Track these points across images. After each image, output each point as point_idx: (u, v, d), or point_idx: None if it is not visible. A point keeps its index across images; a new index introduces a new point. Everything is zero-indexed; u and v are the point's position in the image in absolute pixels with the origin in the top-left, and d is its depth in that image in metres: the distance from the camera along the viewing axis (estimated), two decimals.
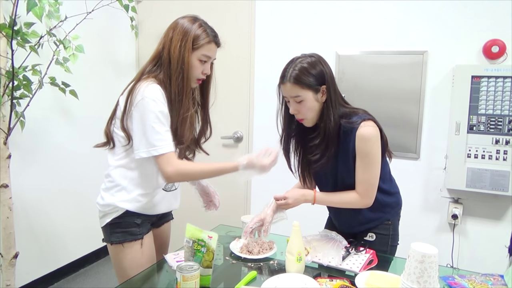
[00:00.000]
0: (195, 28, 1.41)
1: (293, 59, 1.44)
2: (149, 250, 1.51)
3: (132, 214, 1.46)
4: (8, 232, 2.21)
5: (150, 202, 1.49)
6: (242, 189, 2.95)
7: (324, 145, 1.44)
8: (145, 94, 1.34)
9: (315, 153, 1.46)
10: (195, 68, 1.43)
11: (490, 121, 2.22)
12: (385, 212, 1.55)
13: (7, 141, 2.16)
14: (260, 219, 1.50)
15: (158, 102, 1.35)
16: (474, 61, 2.31)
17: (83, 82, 2.69)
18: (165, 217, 1.69)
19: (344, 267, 1.37)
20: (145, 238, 1.50)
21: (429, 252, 0.99)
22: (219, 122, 3.01)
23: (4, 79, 2.07)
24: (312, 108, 1.42)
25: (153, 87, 1.37)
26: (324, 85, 1.41)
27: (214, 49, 1.47)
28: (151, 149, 1.35)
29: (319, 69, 1.41)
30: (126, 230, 1.46)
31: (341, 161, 1.47)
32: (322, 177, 1.59)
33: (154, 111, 1.34)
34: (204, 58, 1.43)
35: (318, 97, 1.41)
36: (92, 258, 3.08)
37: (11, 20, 2.00)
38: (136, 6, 3.07)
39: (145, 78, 1.40)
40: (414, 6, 2.40)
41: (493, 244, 2.35)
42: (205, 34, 1.42)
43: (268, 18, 2.78)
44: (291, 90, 1.41)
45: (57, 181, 2.76)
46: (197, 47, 1.41)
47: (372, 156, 1.42)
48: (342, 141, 1.44)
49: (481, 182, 2.24)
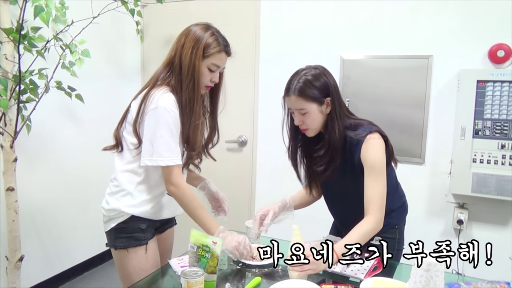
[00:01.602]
0: (207, 36, 1.41)
1: (298, 71, 1.45)
2: (153, 255, 1.52)
3: (137, 219, 1.46)
4: (14, 235, 2.23)
5: (156, 208, 1.49)
6: (246, 195, 2.96)
7: (329, 157, 1.44)
8: (159, 103, 1.35)
9: (320, 164, 1.47)
10: (204, 75, 1.43)
11: (495, 126, 2.21)
12: (392, 218, 1.54)
13: (14, 145, 2.17)
14: (266, 210, 1.51)
15: (171, 112, 1.36)
16: (479, 66, 2.30)
17: (89, 86, 2.71)
18: (168, 222, 1.70)
19: (348, 274, 1.36)
20: (150, 244, 1.50)
21: (435, 261, 0.98)
22: (223, 126, 3.01)
23: (11, 83, 2.09)
24: (317, 120, 1.43)
25: (167, 96, 1.38)
26: (329, 97, 1.42)
27: (224, 58, 1.47)
28: (158, 158, 1.36)
29: (323, 81, 1.41)
30: (130, 235, 1.46)
31: (349, 172, 1.47)
32: (331, 189, 1.59)
33: (166, 122, 1.36)
34: (213, 67, 1.44)
35: (322, 109, 1.42)
36: (97, 261, 3.08)
37: (18, 25, 2.03)
38: (142, 10, 3.09)
39: (159, 85, 1.41)
40: (418, 11, 2.40)
41: (499, 250, 2.33)
42: (216, 43, 1.42)
43: (273, 22, 2.79)
44: (295, 103, 1.42)
45: (62, 184, 2.78)
46: (207, 55, 1.41)
47: (379, 169, 1.41)
48: (349, 153, 1.44)
49: (486, 187, 2.23)
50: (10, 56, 2.13)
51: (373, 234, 1.39)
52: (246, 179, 2.95)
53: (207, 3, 2.94)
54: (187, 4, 3.01)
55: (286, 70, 1.51)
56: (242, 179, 2.97)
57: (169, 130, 1.36)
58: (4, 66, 2.11)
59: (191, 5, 3.00)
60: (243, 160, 2.96)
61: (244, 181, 2.96)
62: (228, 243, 1.36)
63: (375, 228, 1.38)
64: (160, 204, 1.50)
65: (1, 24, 2.08)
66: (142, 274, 1.44)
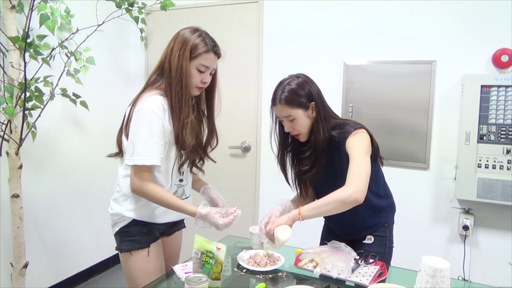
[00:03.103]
0: (194, 38, 1.44)
1: (282, 82, 1.53)
2: (156, 258, 1.53)
3: (139, 223, 1.49)
4: (19, 242, 2.23)
5: (156, 211, 1.50)
6: (249, 200, 2.95)
7: (314, 157, 1.52)
8: (144, 106, 1.39)
9: (305, 164, 1.55)
10: (193, 76, 1.45)
11: (500, 131, 2.20)
12: (382, 216, 1.62)
13: (19, 152, 2.19)
14: (268, 217, 1.51)
15: (153, 114, 1.38)
16: (483, 71, 2.29)
17: (94, 93, 2.73)
18: (176, 225, 1.71)
19: (353, 280, 1.35)
20: (152, 247, 1.52)
21: (441, 266, 0.97)
22: (226, 132, 3.05)
23: (16, 91, 2.11)
24: (305, 124, 1.51)
25: (154, 98, 1.40)
26: (313, 101, 1.50)
27: (212, 59, 1.48)
28: (136, 158, 1.38)
29: (307, 89, 1.50)
30: (133, 239, 1.49)
31: (339, 169, 1.50)
32: (321, 189, 1.59)
33: (147, 123, 1.38)
34: (202, 67, 1.46)
35: (308, 114, 1.51)
36: (101, 268, 3.08)
37: (24, 33, 2.05)
38: (146, 18, 3.11)
39: (149, 89, 1.45)
40: (422, 16, 2.40)
41: (506, 256, 2.31)
42: (203, 43, 1.45)
43: (276, 28, 2.80)
44: (282, 111, 1.50)
45: (67, 191, 2.78)
46: (195, 56, 1.44)
47: (359, 150, 1.43)
48: (336, 151, 1.51)
49: (492, 192, 2.21)
50: (16, 64, 2.15)
51: (349, 204, 1.33)
52: (250, 184, 2.95)
53: (211, 9, 2.96)
54: (191, 11, 3.04)
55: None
56: (245, 185, 2.97)
57: (149, 131, 1.38)
58: (10, 73, 2.13)
59: (195, 12, 3.02)
60: (247, 166, 2.96)
61: (247, 186, 2.96)
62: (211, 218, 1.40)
63: (342, 198, 1.33)
64: (160, 208, 1.50)
65: (7, 32, 2.11)
66: (145, 277, 1.47)
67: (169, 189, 1.50)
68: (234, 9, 2.91)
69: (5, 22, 2.12)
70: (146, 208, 1.48)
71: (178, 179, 1.55)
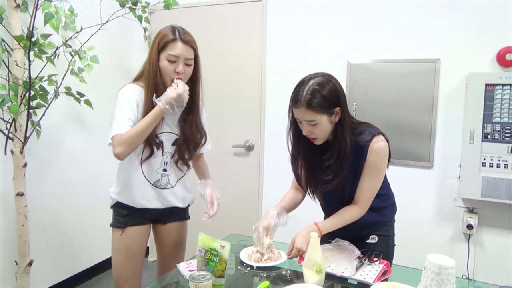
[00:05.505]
0: (165, 31, 1.52)
1: (305, 80, 1.39)
2: (129, 240, 1.64)
3: (120, 206, 1.64)
4: (23, 240, 2.25)
5: (133, 196, 1.61)
6: (253, 199, 2.95)
7: (338, 166, 1.42)
8: (119, 92, 1.55)
9: (328, 174, 1.45)
10: (165, 67, 1.50)
11: (505, 130, 2.19)
12: (384, 215, 1.61)
13: (23, 150, 2.20)
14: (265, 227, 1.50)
15: (125, 95, 1.52)
16: (487, 69, 2.28)
17: (98, 91, 2.73)
18: (170, 215, 1.72)
19: (357, 278, 1.35)
20: (129, 229, 1.63)
21: (446, 264, 0.97)
22: (230, 131, 3.05)
23: (21, 89, 2.12)
24: (326, 130, 1.40)
25: (128, 86, 1.56)
26: (339, 106, 1.38)
27: (180, 47, 1.49)
28: (110, 134, 1.47)
29: (333, 91, 1.37)
30: (115, 217, 1.67)
31: (351, 174, 1.47)
32: (330, 191, 1.58)
33: (118, 103, 1.52)
34: (171, 57, 1.49)
35: (332, 119, 1.39)
36: (105, 266, 3.09)
37: (28, 32, 2.06)
38: (149, 17, 3.12)
39: (133, 82, 1.60)
40: (426, 14, 2.39)
41: (510, 256, 2.30)
42: (172, 34, 1.50)
43: (280, 26, 2.80)
44: (305, 114, 1.37)
45: (71, 189, 2.80)
46: (163, 47, 1.49)
47: (380, 169, 1.47)
48: (354, 158, 1.44)
49: (496, 191, 2.20)
50: (21, 62, 2.16)
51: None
52: (253, 183, 2.95)
53: (214, 8, 2.96)
54: (194, 10, 3.04)
55: (293, 74, 1.51)
56: (249, 184, 2.97)
57: (119, 108, 1.51)
58: (14, 72, 2.14)
59: (198, 11, 3.02)
60: (250, 165, 2.96)
61: (251, 185, 2.96)
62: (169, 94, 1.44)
63: (356, 218, 1.49)
64: (137, 193, 1.60)
65: (12, 31, 2.12)
66: (116, 251, 1.65)
67: (136, 175, 1.60)
68: (237, 7, 2.91)
69: (9, 21, 2.12)
70: (123, 192, 1.62)
71: (162, 169, 1.63)
